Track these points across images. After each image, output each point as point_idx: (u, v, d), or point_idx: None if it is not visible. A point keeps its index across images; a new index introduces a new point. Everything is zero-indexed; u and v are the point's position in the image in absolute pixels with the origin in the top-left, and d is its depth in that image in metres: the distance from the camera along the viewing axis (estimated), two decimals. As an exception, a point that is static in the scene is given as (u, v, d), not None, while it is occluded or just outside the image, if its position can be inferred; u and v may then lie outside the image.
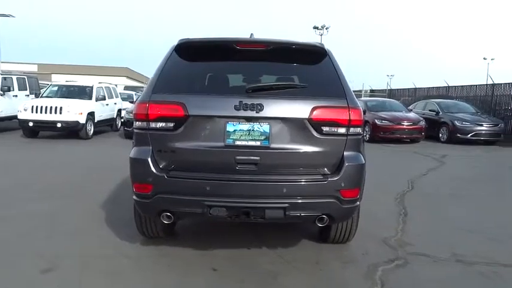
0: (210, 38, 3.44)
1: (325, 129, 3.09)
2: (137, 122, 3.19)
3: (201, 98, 3.11)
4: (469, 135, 13.43)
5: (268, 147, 3.06)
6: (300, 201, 3.05)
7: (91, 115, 12.20)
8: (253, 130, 3.06)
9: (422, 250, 3.86)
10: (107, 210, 4.85)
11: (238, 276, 3.26)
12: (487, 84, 18.24)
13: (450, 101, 16.90)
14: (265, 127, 3.06)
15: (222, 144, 3.06)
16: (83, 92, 12.91)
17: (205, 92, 3.23)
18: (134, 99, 15.98)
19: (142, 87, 36.15)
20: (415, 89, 23.62)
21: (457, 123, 13.66)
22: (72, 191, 5.72)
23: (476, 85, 18.98)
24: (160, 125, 3.10)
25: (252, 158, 3.05)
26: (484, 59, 50.79)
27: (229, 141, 3.05)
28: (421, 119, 13.87)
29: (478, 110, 15.51)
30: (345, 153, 3.15)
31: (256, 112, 3.01)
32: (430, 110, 15.24)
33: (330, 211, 3.14)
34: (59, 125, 11.40)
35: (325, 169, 3.15)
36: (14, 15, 29.36)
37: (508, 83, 16.89)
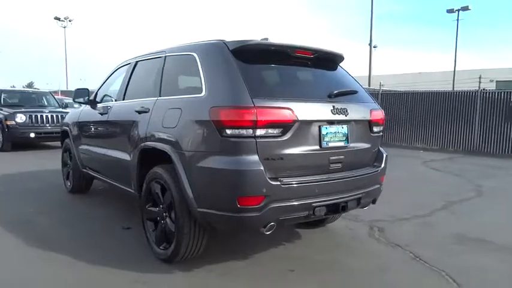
0: (270, 42, 3.35)
1: (375, 128, 3.75)
2: (238, 130, 2.87)
3: (304, 103, 3.15)
4: None
5: (347, 147, 3.44)
6: (367, 190, 3.60)
7: None
8: (338, 132, 3.36)
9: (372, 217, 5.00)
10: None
11: (319, 278, 3.31)
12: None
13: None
14: (345, 128, 3.42)
15: (318, 147, 3.22)
16: None
17: (301, 96, 3.23)
18: None
19: None
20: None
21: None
22: None
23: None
24: (269, 131, 2.95)
25: (340, 157, 3.37)
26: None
27: (324, 144, 3.25)
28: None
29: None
30: (379, 147, 3.88)
31: (345, 116, 3.34)
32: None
33: (376, 195, 3.83)
34: None
35: (372, 161, 3.80)
36: None
37: None
